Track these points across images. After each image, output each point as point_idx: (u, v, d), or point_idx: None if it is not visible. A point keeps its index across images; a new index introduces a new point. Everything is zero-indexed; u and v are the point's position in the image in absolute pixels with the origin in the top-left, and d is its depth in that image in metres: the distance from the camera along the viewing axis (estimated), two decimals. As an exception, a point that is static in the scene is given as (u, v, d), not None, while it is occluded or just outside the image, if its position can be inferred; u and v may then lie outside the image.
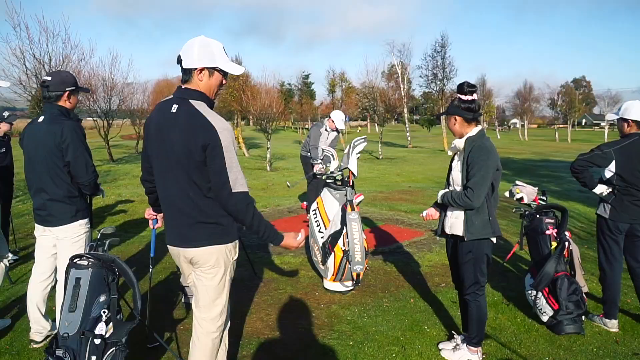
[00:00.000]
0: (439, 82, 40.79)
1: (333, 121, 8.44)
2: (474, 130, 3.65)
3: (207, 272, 2.83)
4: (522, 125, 59.19)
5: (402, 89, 38.03)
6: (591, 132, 79.34)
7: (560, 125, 59.61)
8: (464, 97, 3.59)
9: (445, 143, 33.49)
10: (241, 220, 2.73)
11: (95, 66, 21.67)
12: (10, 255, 4.77)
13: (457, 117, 3.64)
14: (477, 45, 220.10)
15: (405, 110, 39.14)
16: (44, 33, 15.23)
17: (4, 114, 5.91)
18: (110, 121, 21.23)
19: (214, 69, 2.74)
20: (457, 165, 3.74)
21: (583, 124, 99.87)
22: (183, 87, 2.78)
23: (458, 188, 3.69)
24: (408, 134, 39.31)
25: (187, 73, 2.75)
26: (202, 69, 2.71)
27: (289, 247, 2.93)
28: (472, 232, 3.60)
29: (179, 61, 2.74)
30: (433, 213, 3.94)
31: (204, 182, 2.69)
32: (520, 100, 59.31)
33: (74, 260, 3.27)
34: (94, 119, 21.36)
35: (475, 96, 3.62)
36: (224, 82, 2.84)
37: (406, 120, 40.37)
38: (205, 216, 2.74)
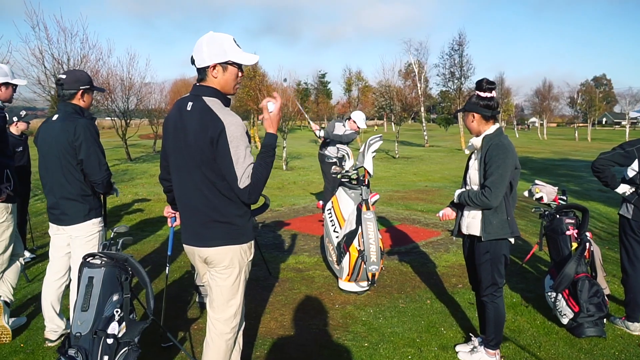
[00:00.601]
0: (456, 81, 40.46)
1: (354, 121, 8.40)
2: (491, 128, 3.58)
3: (221, 272, 2.80)
4: (541, 124, 58.51)
5: (419, 88, 37.73)
6: (612, 130, 78.31)
7: (580, 124, 58.65)
8: (482, 94, 3.52)
9: (463, 142, 33.23)
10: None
11: (113, 66, 21.89)
12: (27, 253, 4.80)
13: (476, 115, 3.57)
14: (495, 44, 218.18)
15: (422, 109, 38.90)
16: (63, 33, 15.47)
17: (20, 113, 5.96)
18: (128, 121, 21.41)
19: (227, 63, 2.71)
20: (474, 164, 3.67)
21: (603, 122, 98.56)
22: (198, 84, 2.77)
23: (475, 187, 3.62)
24: (425, 133, 39.08)
25: (202, 72, 2.73)
26: (214, 66, 2.69)
27: (273, 117, 2.77)
28: (490, 232, 3.52)
29: (193, 62, 2.73)
30: (450, 213, 3.87)
31: (218, 179, 2.66)
32: (539, 98, 58.62)
33: (87, 259, 3.27)
34: (112, 118, 21.54)
35: (494, 93, 3.55)
36: (240, 74, 2.81)
37: (423, 119, 40.13)
38: (219, 215, 2.72)
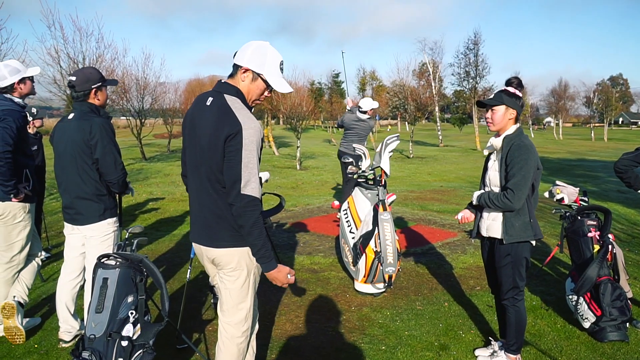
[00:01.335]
0: (471, 80, 40.16)
1: (360, 106, 8.47)
2: (512, 128, 3.49)
3: (229, 274, 2.74)
4: (557, 124, 57.90)
5: (433, 87, 37.44)
6: (628, 130, 77.38)
7: (596, 124, 57.93)
8: (519, 93, 3.45)
9: (478, 142, 32.95)
10: (241, 225, 2.55)
11: (128, 65, 21.98)
12: (43, 253, 4.79)
13: (514, 112, 3.47)
14: (511, 43, 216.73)
15: (437, 108, 38.60)
16: (78, 32, 15.52)
17: (32, 110, 5.93)
18: (143, 120, 21.46)
19: (259, 75, 2.69)
20: (494, 165, 3.58)
21: (620, 122, 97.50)
22: (223, 81, 2.74)
23: (495, 189, 3.53)
24: (439, 133, 38.82)
25: (234, 68, 2.72)
26: (246, 70, 2.67)
27: (275, 280, 2.67)
28: (512, 234, 3.44)
29: (235, 55, 2.72)
30: (469, 215, 3.78)
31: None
32: (555, 98, 57.99)
33: (102, 260, 3.24)
34: (127, 118, 21.62)
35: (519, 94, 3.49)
36: (266, 93, 2.78)
37: (437, 119, 39.84)
38: (226, 216, 2.65)
